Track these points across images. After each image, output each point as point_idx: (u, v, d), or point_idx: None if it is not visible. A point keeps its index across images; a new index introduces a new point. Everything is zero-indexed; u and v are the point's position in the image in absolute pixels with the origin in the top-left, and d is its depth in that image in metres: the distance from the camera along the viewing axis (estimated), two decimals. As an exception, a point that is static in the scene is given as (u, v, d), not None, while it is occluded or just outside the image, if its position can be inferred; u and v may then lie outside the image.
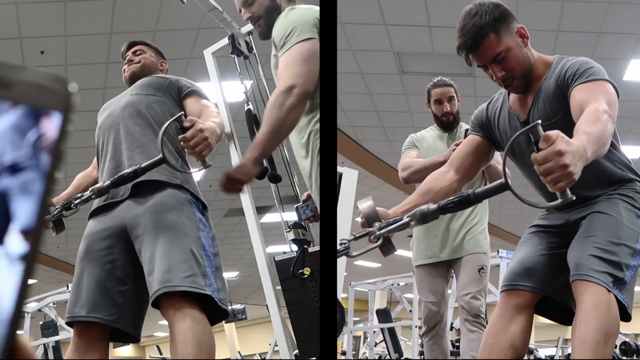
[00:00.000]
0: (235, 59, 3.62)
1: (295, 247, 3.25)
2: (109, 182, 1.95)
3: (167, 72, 2.56)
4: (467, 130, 2.73)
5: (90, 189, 1.98)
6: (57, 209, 1.95)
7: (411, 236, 3.27)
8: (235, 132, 3.60)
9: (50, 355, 7.22)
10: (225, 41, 3.62)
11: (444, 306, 3.11)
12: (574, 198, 1.36)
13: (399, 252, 1.78)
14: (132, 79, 2.43)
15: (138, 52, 2.50)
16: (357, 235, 1.59)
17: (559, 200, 1.36)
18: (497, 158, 2.94)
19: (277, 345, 4.29)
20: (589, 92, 1.69)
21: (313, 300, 3.07)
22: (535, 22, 5.38)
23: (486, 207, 3.16)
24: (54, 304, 7.24)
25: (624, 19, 5.44)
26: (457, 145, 2.75)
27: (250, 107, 3.52)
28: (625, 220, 1.81)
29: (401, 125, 7.37)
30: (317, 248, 3.18)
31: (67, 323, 2.08)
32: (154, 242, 1.94)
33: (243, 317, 10.11)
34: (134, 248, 2.03)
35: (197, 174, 9.46)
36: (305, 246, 3.21)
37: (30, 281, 0.40)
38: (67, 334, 6.47)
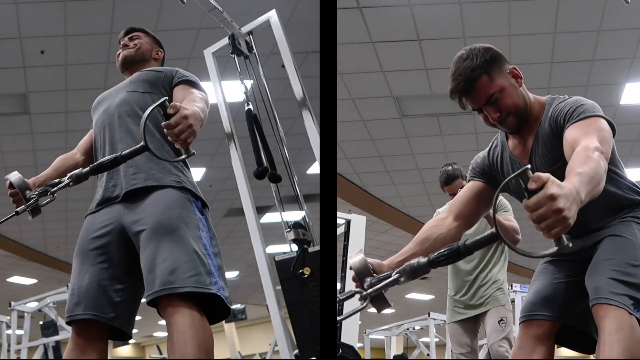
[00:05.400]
0: (235, 59, 3.62)
1: (295, 247, 3.25)
2: (87, 169, 1.87)
3: (164, 64, 2.51)
4: None
5: (68, 175, 1.86)
6: (33, 196, 1.84)
7: (425, 278, 3.63)
8: (235, 132, 3.59)
9: (50, 355, 7.21)
10: (225, 41, 3.61)
11: (473, 356, 3.52)
12: (571, 245, 1.24)
13: (412, 295, 1.77)
14: (125, 63, 2.40)
15: (134, 37, 2.47)
16: (341, 298, 1.48)
17: (554, 248, 1.24)
18: (506, 215, 3.35)
19: (277, 345, 4.29)
20: (580, 130, 1.67)
21: (313, 300, 3.07)
22: (529, 56, 5.50)
23: (500, 260, 3.59)
24: (54, 304, 7.22)
25: (615, 45, 5.47)
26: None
27: (250, 107, 3.52)
28: None
29: (405, 168, 7.46)
30: (317, 248, 3.18)
31: (67, 323, 2.06)
32: (154, 241, 1.92)
33: (243, 317, 10.10)
34: (131, 246, 2.01)
35: (198, 174, 9.33)
36: (305, 246, 3.21)
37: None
38: (67, 334, 6.47)
